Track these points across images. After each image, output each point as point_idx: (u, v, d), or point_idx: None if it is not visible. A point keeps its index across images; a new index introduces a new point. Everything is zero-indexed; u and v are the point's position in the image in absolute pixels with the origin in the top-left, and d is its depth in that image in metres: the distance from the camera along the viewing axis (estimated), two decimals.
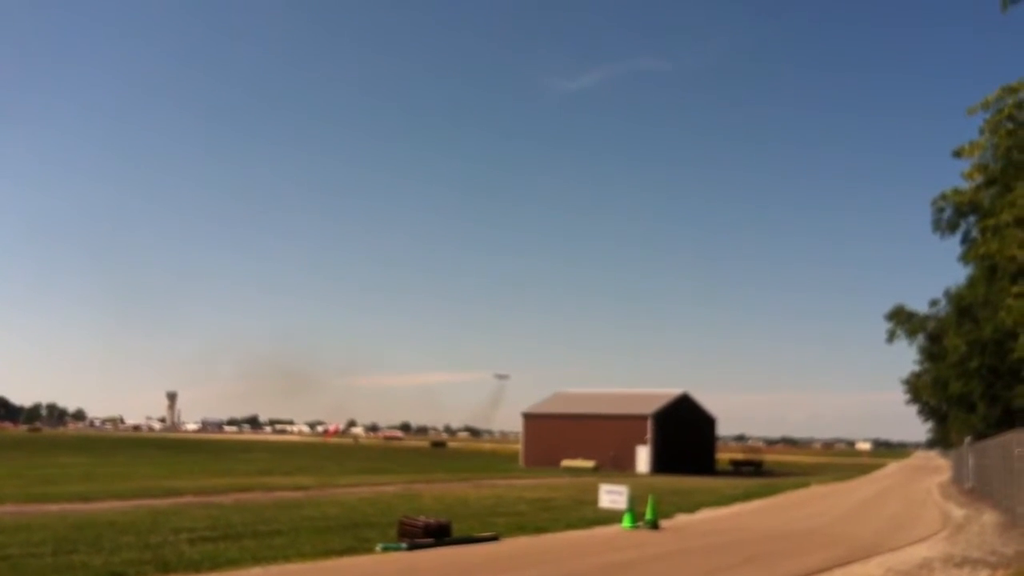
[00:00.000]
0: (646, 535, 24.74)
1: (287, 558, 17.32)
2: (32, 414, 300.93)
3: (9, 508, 25.47)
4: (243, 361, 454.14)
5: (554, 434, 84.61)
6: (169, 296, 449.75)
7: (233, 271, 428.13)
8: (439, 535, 20.70)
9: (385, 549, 19.27)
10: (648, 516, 26.47)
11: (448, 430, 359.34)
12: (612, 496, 30.39)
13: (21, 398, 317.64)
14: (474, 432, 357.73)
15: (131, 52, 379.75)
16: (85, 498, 29.32)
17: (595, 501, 31.37)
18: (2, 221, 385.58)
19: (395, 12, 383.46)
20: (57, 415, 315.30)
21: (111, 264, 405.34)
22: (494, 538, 22.10)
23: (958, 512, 36.88)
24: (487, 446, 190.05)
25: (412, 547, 19.59)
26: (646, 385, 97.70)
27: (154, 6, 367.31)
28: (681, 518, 30.59)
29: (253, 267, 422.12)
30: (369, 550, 19.08)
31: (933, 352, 63.79)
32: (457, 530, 21.77)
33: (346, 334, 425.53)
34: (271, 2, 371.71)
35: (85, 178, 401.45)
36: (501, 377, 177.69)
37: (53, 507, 26.15)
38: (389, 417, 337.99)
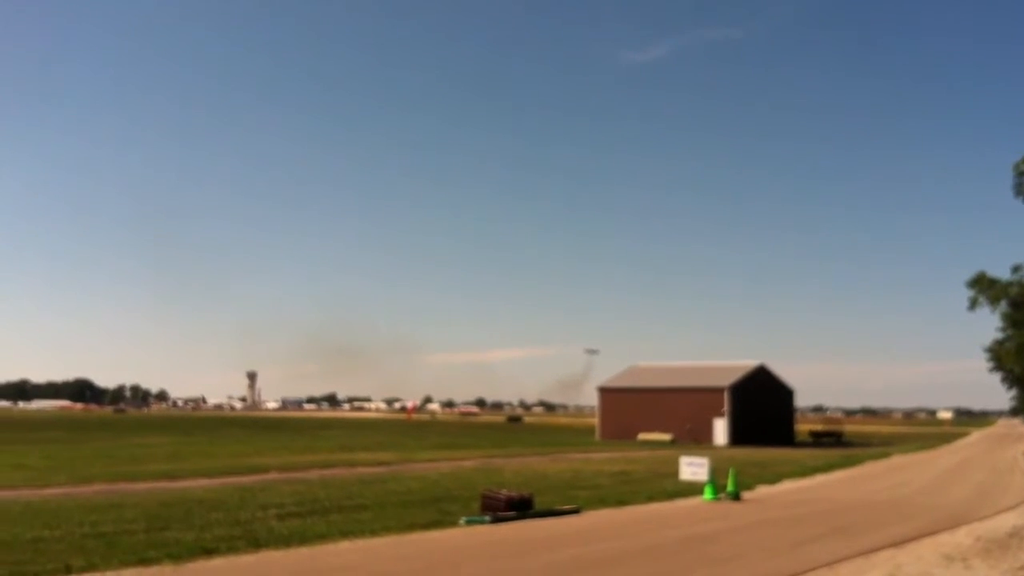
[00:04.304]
0: (729, 506, 24.56)
1: (374, 532, 17.55)
2: (116, 395, 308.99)
3: (100, 487, 26.21)
4: (304, 340, 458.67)
5: (630, 407, 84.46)
6: (230, 277, 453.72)
7: (293, 251, 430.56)
8: (522, 508, 20.78)
9: (469, 522, 19.42)
10: (730, 488, 26.28)
11: (523, 405, 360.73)
12: (693, 468, 30.25)
13: (106, 380, 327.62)
14: (549, 407, 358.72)
15: (186, 29, 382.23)
16: (172, 476, 30.02)
17: (674, 474, 31.25)
18: (78, 209, 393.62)
19: None
20: (140, 396, 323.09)
21: (177, 248, 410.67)
22: (576, 511, 22.13)
23: None
24: (562, 420, 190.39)
25: (495, 520, 19.70)
26: (723, 357, 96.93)
27: None
28: (763, 489, 30.31)
29: (319, 247, 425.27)
30: (453, 523, 19.25)
31: (1017, 319, 62.13)
32: (539, 503, 21.84)
33: (409, 312, 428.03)
34: None
35: (139, 161, 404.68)
36: (591, 352, 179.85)
37: (142, 486, 26.83)
38: (459, 393, 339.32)
